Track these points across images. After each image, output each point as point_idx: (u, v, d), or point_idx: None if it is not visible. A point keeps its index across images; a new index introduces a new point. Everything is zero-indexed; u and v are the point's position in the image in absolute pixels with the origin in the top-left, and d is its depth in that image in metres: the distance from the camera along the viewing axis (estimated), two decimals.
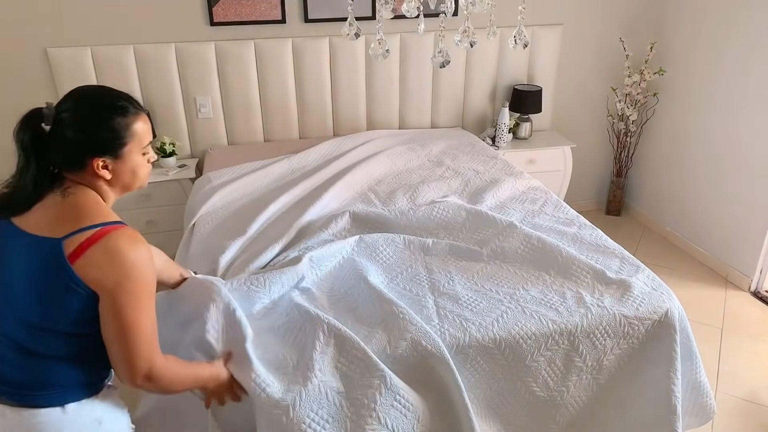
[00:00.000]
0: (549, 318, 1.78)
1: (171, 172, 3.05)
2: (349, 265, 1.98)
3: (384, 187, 2.68)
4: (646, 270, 2.02)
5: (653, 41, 3.59)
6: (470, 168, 2.89)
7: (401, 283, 1.93)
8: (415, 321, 1.68)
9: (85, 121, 1.26)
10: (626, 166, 3.93)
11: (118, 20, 2.99)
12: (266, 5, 3.12)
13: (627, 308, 1.83)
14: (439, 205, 2.33)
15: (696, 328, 2.78)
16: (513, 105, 3.50)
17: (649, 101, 3.72)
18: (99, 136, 1.26)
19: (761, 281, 3.16)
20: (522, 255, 2.06)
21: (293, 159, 2.96)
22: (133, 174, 1.33)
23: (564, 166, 3.54)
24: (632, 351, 1.84)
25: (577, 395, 1.83)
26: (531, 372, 1.76)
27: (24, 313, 1.22)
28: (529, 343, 1.74)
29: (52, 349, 1.24)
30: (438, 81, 3.47)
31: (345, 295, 1.87)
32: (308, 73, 3.27)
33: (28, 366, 1.24)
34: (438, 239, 2.15)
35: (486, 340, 1.71)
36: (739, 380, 2.54)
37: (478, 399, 1.74)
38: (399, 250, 2.09)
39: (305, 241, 2.11)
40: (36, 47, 2.96)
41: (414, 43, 3.32)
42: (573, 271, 1.97)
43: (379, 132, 3.40)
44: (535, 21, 3.48)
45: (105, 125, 1.26)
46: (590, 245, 2.16)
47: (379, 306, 1.76)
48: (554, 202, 2.52)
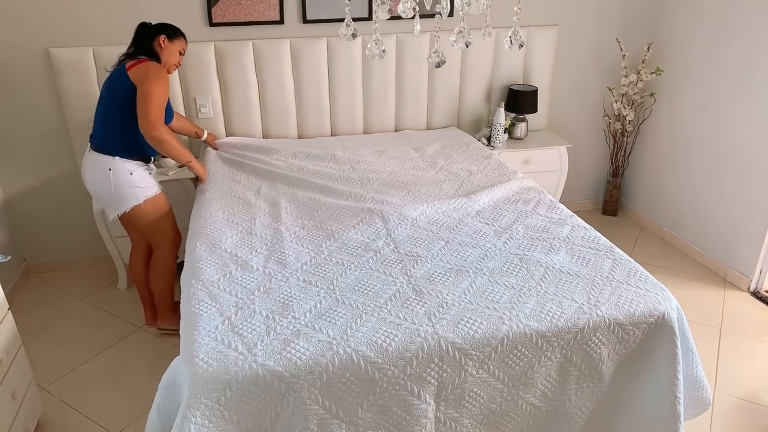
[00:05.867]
0: (540, 333, 1.73)
1: (171, 172, 3.06)
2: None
3: (375, 187, 2.69)
4: (640, 271, 1.99)
5: (650, 41, 3.61)
6: (464, 168, 2.90)
7: (392, 311, 1.79)
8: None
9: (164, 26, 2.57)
10: (623, 166, 3.95)
11: (120, 21, 3.01)
12: (264, 6, 3.14)
13: (620, 313, 1.79)
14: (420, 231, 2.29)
15: (695, 328, 2.81)
16: (509, 105, 3.52)
17: (646, 101, 3.74)
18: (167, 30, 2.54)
19: (761, 281, 3.16)
20: (506, 272, 2.00)
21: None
22: (170, 55, 2.52)
23: (560, 166, 3.55)
24: (631, 355, 1.83)
25: (581, 404, 1.84)
26: (528, 388, 1.77)
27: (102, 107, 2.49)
28: (521, 365, 1.73)
29: (115, 130, 2.45)
30: (434, 81, 3.49)
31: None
32: (306, 73, 3.29)
33: (103, 134, 2.47)
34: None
35: (480, 373, 1.71)
36: (738, 380, 2.54)
37: (482, 425, 1.76)
38: (382, 271, 2.01)
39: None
40: (38, 48, 2.98)
41: (410, 43, 3.34)
42: (561, 283, 1.92)
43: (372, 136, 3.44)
44: (531, 21, 3.49)
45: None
46: (582, 246, 2.15)
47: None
48: (548, 202, 2.52)
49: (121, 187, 2.46)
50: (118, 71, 2.41)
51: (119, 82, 2.38)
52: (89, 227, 3.33)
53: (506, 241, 2.20)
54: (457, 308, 1.79)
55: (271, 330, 1.69)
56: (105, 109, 2.46)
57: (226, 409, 1.54)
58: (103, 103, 2.46)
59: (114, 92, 2.41)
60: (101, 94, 2.49)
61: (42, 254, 3.43)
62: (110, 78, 2.45)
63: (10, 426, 1.98)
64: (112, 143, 2.45)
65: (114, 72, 2.45)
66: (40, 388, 2.51)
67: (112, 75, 2.45)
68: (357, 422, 1.63)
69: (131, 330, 2.91)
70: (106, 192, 2.48)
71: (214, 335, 1.66)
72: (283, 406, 1.58)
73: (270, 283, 1.93)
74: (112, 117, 2.43)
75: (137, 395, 2.47)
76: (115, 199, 2.49)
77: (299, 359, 1.59)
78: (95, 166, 2.47)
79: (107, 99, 2.44)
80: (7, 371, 2.00)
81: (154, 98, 2.32)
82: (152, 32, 2.50)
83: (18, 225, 3.32)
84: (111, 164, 2.44)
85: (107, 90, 2.44)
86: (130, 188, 2.47)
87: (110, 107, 2.43)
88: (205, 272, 1.98)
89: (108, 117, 2.44)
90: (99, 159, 2.45)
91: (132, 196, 2.48)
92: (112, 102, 2.41)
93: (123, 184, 2.46)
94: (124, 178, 2.46)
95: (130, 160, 2.48)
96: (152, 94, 2.32)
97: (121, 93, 2.38)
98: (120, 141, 2.45)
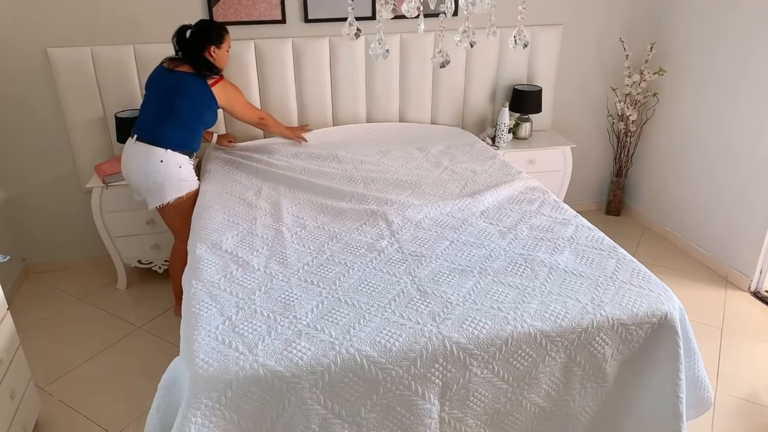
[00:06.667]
0: (544, 333, 1.72)
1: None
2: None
3: (379, 187, 2.68)
4: (643, 271, 1.98)
5: (653, 41, 3.60)
6: (468, 168, 2.89)
7: (396, 311, 1.77)
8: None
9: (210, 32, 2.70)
10: (626, 166, 3.94)
11: (119, 20, 3.00)
12: (266, 5, 3.13)
13: (624, 313, 1.78)
14: (425, 232, 2.27)
15: (696, 328, 2.80)
16: (513, 105, 3.51)
17: (649, 101, 3.73)
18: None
19: (761, 281, 3.16)
20: (510, 272, 1.99)
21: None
22: (222, 59, 2.70)
23: (564, 166, 3.54)
24: (634, 355, 1.82)
25: (585, 404, 1.83)
26: (533, 388, 1.75)
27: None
28: (525, 365, 1.72)
29: (176, 126, 2.62)
30: (438, 81, 3.47)
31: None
32: (308, 73, 3.27)
33: (159, 128, 2.60)
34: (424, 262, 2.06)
35: (485, 373, 1.70)
36: (739, 380, 2.54)
37: (487, 424, 1.75)
38: (386, 272, 1.99)
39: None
40: (36, 47, 2.97)
41: (414, 43, 3.33)
42: (566, 284, 1.91)
43: (377, 125, 3.42)
44: (535, 21, 3.48)
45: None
46: (586, 246, 2.14)
47: None
48: (552, 202, 2.50)
49: (170, 179, 2.60)
50: (199, 84, 2.60)
51: (200, 91, 2.60)
52: (88, 227, 3.31)
53: (510, 241, 2.18)
54: (462, 308, 1.78)
55: (273, 330, 1.67)
56: (168, 106, 2.58)
57: (227, 410, 1.52)
58: (168, 100, 2.59)
59: (191, 97, 2.60)
60: (162, 92, 2.60)
61: (41, 254, 3.41)
62: (180, 81, 2.59)
63: (9, 426, 1.96)
64: (169, 136, 2.58)
65: (185, 78, 2.59)
66: (38, 388, 2.50)
67: (184, 80, 2.59)
68: (360, 422, 1.62)
69: (130, 330, 2.90)
70: (154, 183, 2.60)
71: (215, 335, 1.65)
72: (284, 406, 1.56)
73: (271, 283, 1.91)
74: (178, 115, 2.59)
75: (137, 395, 2.45)
76: (162, 189, 2.61)
77: (301, 359, 1.57)
78: (145, 157, 2.58)
79: (174, 98, 2.58)
80: (6, 371, 1.99)
81: (242, 105, 2.80)
82: (199, 42, 2.62)
83: (17, 225, 3.31)
84: (163, 156, 2.57)
85: (177, 90, 2.58)
86: (178, 180, 2.62)
87: (182, 107, 2.58)
88: (205, 272, 1.97)
89: (172, 114, 2.58)
90: (149, 150, 2.57)
91: (177, 189, 2.63)
92: (185, 102, 2.58)
93: (172, 177, 2.60)
94: (174, 170, 2.60)
95: (180, 154, 2.62)
96: (239, 104, 2.77)
97: (198, 96, 2.61)
98: (181, 136, 2.61)
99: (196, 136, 2.69)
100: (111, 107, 3.11)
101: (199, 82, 2.62)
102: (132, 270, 3.36)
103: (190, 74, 2.61)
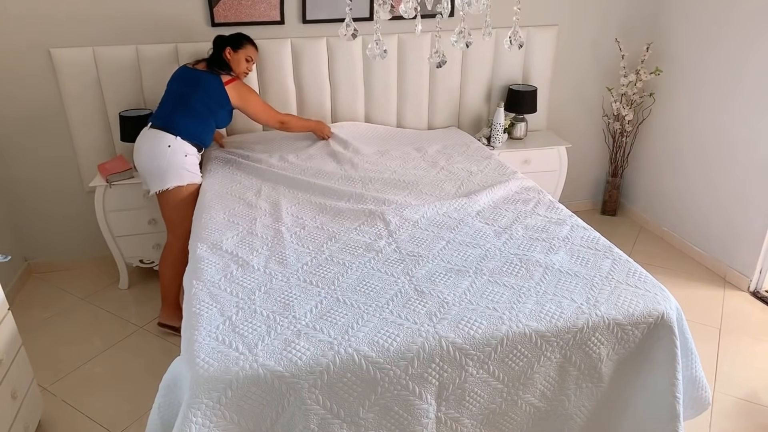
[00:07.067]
0: (539, 333, 1.73)
1: None
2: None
3: (377, 187, 2.70)
4: (639, 271, 1.99)
5: (649, 41, 3.61)
6: (464, 169, 2.91)
7: (394, 311, 1.79)
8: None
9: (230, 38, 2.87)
10: (622, 166, 3.95)
11: (121, 21, 3.02)
12: (265, 6, 3.15)
13: (620, 313, 1.79)
14: (421, 232, 2.29)
15: (694, 328, 2.81)
16: (508, 105, 3.53)
17: (645, 101, 3.75)
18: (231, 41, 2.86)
19: (760, 281, 3.17)
20: (506, 272, 2.01)
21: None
22: (237, 64, 2.83)
23: (559, 166, 3.56)
24: (630, 355, 1.83)
25: (581, 404, 1.85)
26: (528, 388, 1.77)
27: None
28: (520, 365, 1.74)
29: (191, 116, 2.74)
30: (435, 81, 3.49)
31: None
32: (307, 73, 3.29)
33: (174, 116, 2.71)
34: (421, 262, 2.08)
35: (481, 374, 1.71)
36: (737, 380, 2.55)
37: (483, 425, 1.76)
38: (383, 271, 2.01)
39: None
40: (39, 48, 2.98)
41: (411, 43, 3.35)
42: (561, 284, 1.92)
43: (375, 127, 3.44)
44: (530, 22, 3.50)
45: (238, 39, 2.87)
46: (582, 246, 2.15)
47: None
48: (547, 202, 2.52)
49: (173, 166, 2.66)
50: (213, 79, 2.75)
51: (214, 87, 2.74)
52: (90, 227, 3.33)
53: (506, 241, 2.20)
54: (458, 308, 1.79)
55: (272, 330, 1.69)
56: (183, 98, 2.72)
57: (227, 409, 1.54)
58: (184, 93, 2.73)
59: (205, 91, 2.73)
60: (180, 86, 2.75)
61: (43, 254, 3.43)
62: (196, 76, 2.75)
63: (11, 426, 1.98)
64: (180, 125, 2.68)
65: (201, 73, 2.75)
66: (41, 388, 2.52)
67: (200, 75, 2.75)
68: (358, 422, 1.64)
69: (132, 330, 2.92)
70: (158, 166, 2.66)
71: (215, 335, 1.67)
72: (283, 406, 1.58)
73: (271, 283, 1.93)
74: (192, 107, 2.71)
75: (138, 395, 2.47)
76: (164, 174, 2.66)
77: (300, 359, 1.59)
78: (154, 141, 2.67)
79: (189, 91, 2.73)
80: (8, 371, 2.01)
81: (259, 107, 2.90)
82: (221, 44, 2.81)
83: (19, 225, 3.33)
84: (171, 142, 2.65)
85: (193, 84, 2.74)
86: (180, 168, 2.68)
87: (197, 100, 2.71)
88: (206, 272, 1.99)
89: (187, 105, 2.71)
90: (160, 135, 2.67)
91: (179, 177, 2.68)
92: (199, 96, 2.72)
93: (176, 163, 2.66)
94: (179, 158, 2.67)
95: (189, 144, 2.70)
96: (254, 104, 2.87)
97: (211, 92, 2.74)
98: (193, 126, 2.71)
99: (208, 130, 2.79)
100: (113, 107, 3.13)
101: (212, 78, 2.75)
102: (133, 270, 3.37)
103: (206, 71, 2.77)
